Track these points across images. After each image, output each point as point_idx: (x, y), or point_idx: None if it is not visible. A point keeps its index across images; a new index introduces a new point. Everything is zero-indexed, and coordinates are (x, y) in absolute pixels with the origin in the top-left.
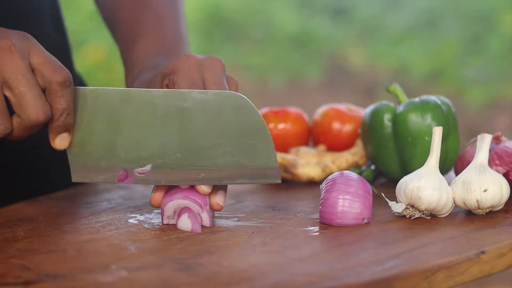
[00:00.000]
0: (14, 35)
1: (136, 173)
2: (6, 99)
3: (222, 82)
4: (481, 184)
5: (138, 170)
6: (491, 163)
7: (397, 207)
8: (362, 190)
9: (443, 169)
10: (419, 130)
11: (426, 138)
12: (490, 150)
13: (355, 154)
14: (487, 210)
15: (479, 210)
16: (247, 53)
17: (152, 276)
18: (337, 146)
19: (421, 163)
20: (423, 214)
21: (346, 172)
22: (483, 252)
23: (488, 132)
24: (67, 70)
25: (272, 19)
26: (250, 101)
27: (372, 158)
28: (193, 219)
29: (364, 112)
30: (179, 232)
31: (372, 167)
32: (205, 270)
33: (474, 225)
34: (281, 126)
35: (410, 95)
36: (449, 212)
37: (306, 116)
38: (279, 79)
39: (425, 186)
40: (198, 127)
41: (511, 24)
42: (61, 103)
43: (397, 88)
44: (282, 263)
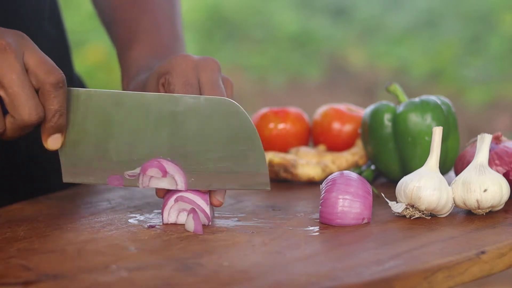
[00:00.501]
0: (10, 35)
1: (126, 175)
2: (0, 99)
3: (218, 83)
4: (481, 184)
5: (128, 172)
6: (491, 163)
7: (397, 207)
8: (362, 190)
9: (443, 169)
10: (419, 130)
11: (426, 138)
12: (490, 150)
13: (355, 154)
14: (487, 210)
15: (479, 210)
16: (247, 53)
17: (152, 276)
18: (337, 146)
19: (421, 163)
20: (423, 214)
21: (346, 172)
22: (483, 252)
23: (488, 132)
24: (61, 71)
25: (272, 19)
26: (241, 107)
27: (372, 158)
28: (196, 220)
29: (364, 112)
30: (179, 232)
31: (372, 167)
32: (205, 270)
33: (474, 225)
34: (281, 126)
35: (410, 95)
36: (449, 212)
37: (306, 116)
38: (279, 79)
39: (425, 186)
40: (189, 132)
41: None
42: (53, 104)
43: (397, 88)
44: (282, 263)
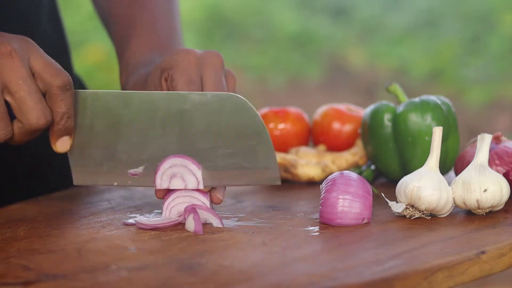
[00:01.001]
0: (15, 40)
1: (129, 174)
2: (7, 104)
3: (220, 81)
4: (481, 184)
5: (131, 171)
6: (491, 163)
7: (397, 207)
8: (362, 190)
9: (443, 169)
10: (419, 130)
11: (426, 138)
12: (490, 150)
13: (355, 154)
14: (487, 210)
15: (479, 210)
16: (247, 53)
17: (152, 276)
18: (337, 146)
19: (421, 163)
20: (423, 214)
21: (346, 172)
22: (483, 252)
23: (488, 132)
24: (67, 74)
25: (272, 19)
26: (249, 102)
27: (372, 158)
28: (197, 221)
29: (364, 112)
30: (179, 232)
31: (372, 167)
32: (205, 270)
33: (474, 225)
34: (281, 126)
35: (410, 95)
36: (449, 212)
37: (306, 116)
38: (279, 79)
39: (425, 186)
40: (198, 129)
41: (511, 24)
42: (61, 107)
43: (397, 88)
44: (282, 263)
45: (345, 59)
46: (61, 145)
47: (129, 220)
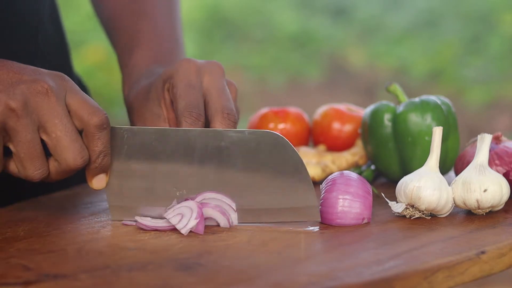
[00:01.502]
0: (51, 77)
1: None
2: (43, 142)
3: (224, 88)
4: (481, 184)
5: (168, 207)
6: (491, 163)
7: (397, 207)
8: (362, 190)
9: (443, 169)
10: (419, 130)
11: (426, 138)
12: (490, 150)
13: (355, 154)
14: (487, 210)
15: (479, 210)
16: (247, 53)
17: (152, 276)
18: (337, 146)
19: (421, 163)
20: (423, 214)
21: (346, 172)
22: (483, 252)
23: (488, 132)
24: (104, 112)
25: (272, 19)
26: (287, 139)
27: (372, 158)
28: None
29: (364, 112)
30: (179, 232)
31: (372, 167)
32: (205, 270)
33: (474, 225)
34: (281, 126)
35: (410, 95)
36: (449, 212)
37: (306, 116)
38: (279, 79)
39: (425, 186)
40: (236, 166)
41: (511, 24)
42: (98, 146)
43: (397, 88)
44: (282, 263)
45: (345, 59)
46: (97, 182)
47: (123, 222)
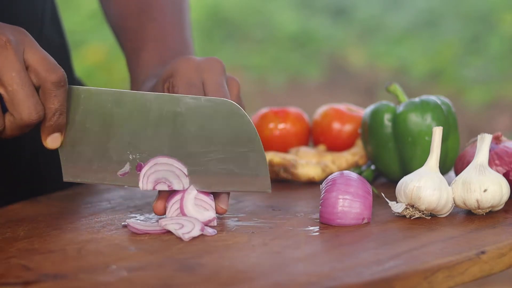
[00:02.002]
0: (10, 30)
1: (118, 174)
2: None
3: (222, 84)
4: (481, 184)
5: (120, 171)
6: (491, 163)
7: (397, 207)
8: (362, 190)
9: (443, 169)
10: (419, 130)
11: (426, 138)
12: (490, 150)
13: (355, 154)
14: (487, 210)
15: (479, 210)
16: (247, 53)
17: (152, 276)
18: (337, 146)
19: (421, 163)
20: (423, 214)
21: (346, 172)
22: (483, 252)
23: (488, 132)
24: (62, 70)
25: (272, 19)
26: (242, 109)
27: (372, 158)
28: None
29: (364, 112)
30: None
31: (372, 167)
32: (205, 270)
33: (474, 225)
34: (281, 126)
35: (410, 95)
36: (449, 212)
37: (306, 116)
38: (279, 79)
39: (425, 186)
40: (190, 133)
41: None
42: (54, 103)
43: (397, 88)
44: (282, 263)
45: (345, 59)
46: (51, 141)
47: (123, 223)
